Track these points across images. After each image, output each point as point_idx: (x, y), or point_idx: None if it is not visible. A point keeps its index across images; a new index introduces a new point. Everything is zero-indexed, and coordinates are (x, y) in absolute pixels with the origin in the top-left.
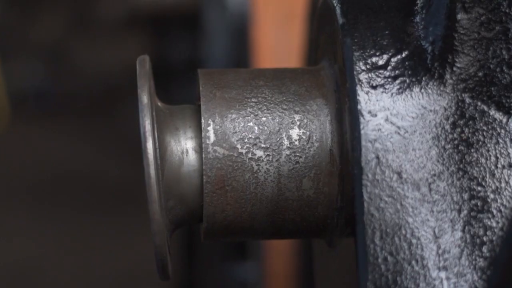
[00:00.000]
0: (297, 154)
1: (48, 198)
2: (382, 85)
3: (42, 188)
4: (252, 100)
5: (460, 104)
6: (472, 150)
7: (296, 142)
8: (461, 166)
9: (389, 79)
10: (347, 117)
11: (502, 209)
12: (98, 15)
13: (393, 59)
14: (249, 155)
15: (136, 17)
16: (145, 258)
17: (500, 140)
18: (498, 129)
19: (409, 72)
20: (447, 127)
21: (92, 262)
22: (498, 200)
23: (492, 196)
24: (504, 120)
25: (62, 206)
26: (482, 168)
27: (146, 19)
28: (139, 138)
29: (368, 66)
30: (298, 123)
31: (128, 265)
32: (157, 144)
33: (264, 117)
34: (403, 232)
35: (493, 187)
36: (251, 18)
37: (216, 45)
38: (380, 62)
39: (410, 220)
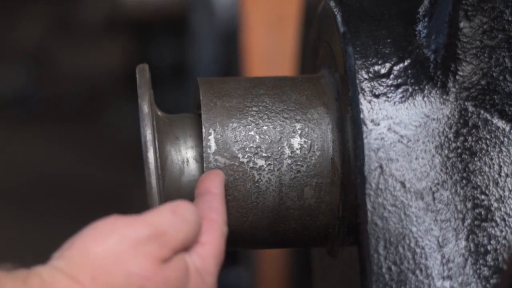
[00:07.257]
0: (299, 163)
1: (30, 203)
2: (384, 94)
3: (24, 192)
4: (253, 109)
5: (463, 112)
6: (476, 159)
7: (298, 151)
8: (465, 174)
9: (392, 88)
10: (349, 126)
11: (506, 218)
12: (81, 18)
13: (396, 68)
14: (251, 165)
15: (120, 21)
16: None
17: (504, 149)
18: (501, 137)
19: (412, 81)
20: (450, 135)
21: None
22: (502, 209)
23: (495, 204)
24: (507, 128)
25: (43, 211)
26: (485, 177)
27: (131, 23)
28: (129, 144)
29: (370, 75)
30: (299, 132)
31: None
32: (158, 153)
33: (265, 126)
34: (407, 241)
35: (497, 195)
36: (241, 22)
37: (204, 50)
38: (383, 71)
39: (414, 229)
